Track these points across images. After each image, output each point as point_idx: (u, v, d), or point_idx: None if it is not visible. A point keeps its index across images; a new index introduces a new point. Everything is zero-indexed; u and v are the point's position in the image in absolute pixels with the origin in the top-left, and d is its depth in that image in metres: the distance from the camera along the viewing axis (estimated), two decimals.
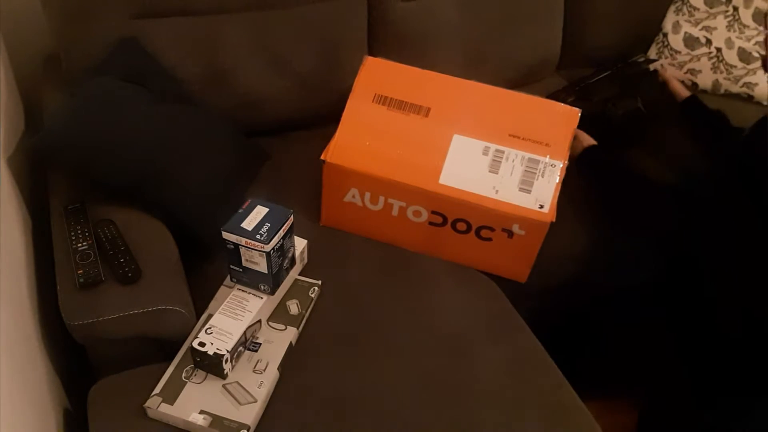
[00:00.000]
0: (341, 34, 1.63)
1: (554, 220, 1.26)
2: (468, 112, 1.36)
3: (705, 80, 1.89)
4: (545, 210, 1.27)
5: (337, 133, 1.35)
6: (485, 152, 1.32)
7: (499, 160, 1.31)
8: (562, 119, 1.33)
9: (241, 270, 1.15)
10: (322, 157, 1.33)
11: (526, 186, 1.28)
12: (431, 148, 1.33)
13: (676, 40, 1.89)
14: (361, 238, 1.40)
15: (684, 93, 1.71)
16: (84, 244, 1.15)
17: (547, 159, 1.29)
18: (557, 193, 1.28)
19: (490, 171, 1.30)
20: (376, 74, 1.40)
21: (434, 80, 1.39)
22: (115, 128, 1.25)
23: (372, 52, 1.67)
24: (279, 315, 1.20)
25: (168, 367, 1.09)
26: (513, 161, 1.30)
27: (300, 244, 1.27)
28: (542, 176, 1.29)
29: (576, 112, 1.33)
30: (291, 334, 1.17)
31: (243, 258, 1.13)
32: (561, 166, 1.29)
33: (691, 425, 1.12)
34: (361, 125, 1.35)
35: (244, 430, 1.01)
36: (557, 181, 1.28)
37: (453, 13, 1.72)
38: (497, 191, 1.29)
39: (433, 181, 1.30)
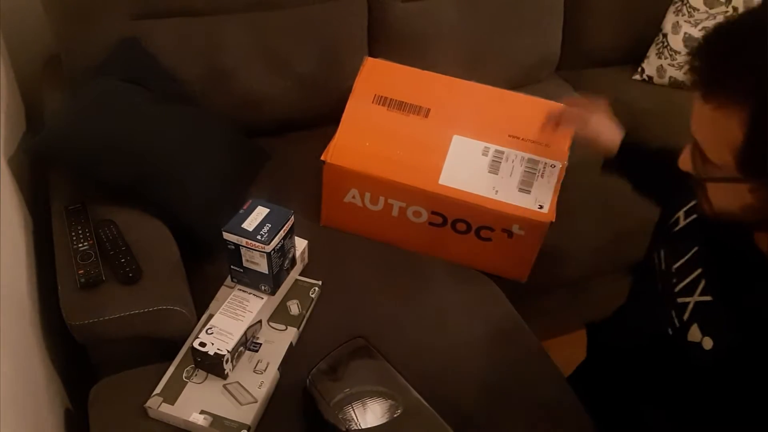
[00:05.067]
0: (341, 34, 1.63)
1: (554, 220, 1.26)
2: (468, 112, 1.36)
3: None
4: (545, 210, 1.27)
5: (337, 134, 1.35)
6: (485, 153, 1.32)
7: (498, 160, 1.31)
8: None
9: (241, 270, 1.15)
10: (322, 158, 1.33)
11: (525, 186, 1.29)
12: (431, 149, 1.33)
13: (676, 41, 1.90)
14: (361, 239, 1.41)
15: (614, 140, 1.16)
16: (85, 244, 1.15)
17: (547, 159, 1.30)
18: (557, 194, 1.28)
19: (489, 171, 1.30)
20: (376, 75, 1.40)
21: (434, 81, 1.39)
22: (116, 129, 1.25)
23: (372, 52, 1.68)
24: (279, 315, 1.20)
25: (169, 367, 1.09)
26: (513, 162, 1.31)
27: (300, 244, 1.28)
28: (542, 176, 1.29)
29: None
30: (291, 334, 1.17)
31: (244, 258, 1.13)
32: (560, 166, 1.29)
33: None
34: (361, 126, 1.36)
35: (244, 430, 1.01)
36: (556, 181, 1.29)
37: (453, 13, 1.72)
38: (497, 191, 1.29)
39: (432, 182, 1.30)
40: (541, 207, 1.27)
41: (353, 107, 1.37)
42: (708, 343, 0.83)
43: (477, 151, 1.32)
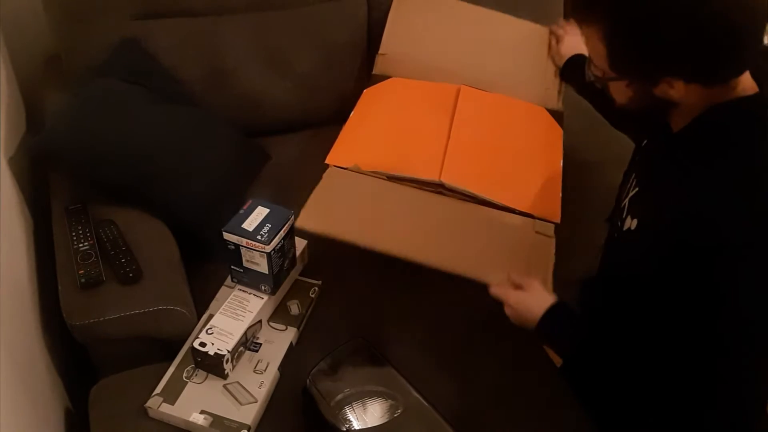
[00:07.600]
0: (341, 34, 1.63)
1: (559, 221, 1.27)
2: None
3: None
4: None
5: (341, 135, 1.36)
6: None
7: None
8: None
9: (241, 270, 1.15)
10: (326, 161, 1.33)
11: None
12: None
13: None
14: None
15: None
16: (85, 244, 1.15)
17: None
18: (560, 195, 1.29)
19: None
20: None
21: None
22: (116, 129, 1.25)
23: (372, 53, 1.67)
24: (279, 315, 1.20)
25: (169, 367, 1.09)
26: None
27: (300, 244, 1.28)
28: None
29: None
30: (291, 334, 1.17)
31: (244, 258, 1.13)
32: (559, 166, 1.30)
33: None
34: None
35: (244, 430, 1.01)
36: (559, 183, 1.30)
37: None
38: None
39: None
40: None
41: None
42: (633, 224, 0.97)
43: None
